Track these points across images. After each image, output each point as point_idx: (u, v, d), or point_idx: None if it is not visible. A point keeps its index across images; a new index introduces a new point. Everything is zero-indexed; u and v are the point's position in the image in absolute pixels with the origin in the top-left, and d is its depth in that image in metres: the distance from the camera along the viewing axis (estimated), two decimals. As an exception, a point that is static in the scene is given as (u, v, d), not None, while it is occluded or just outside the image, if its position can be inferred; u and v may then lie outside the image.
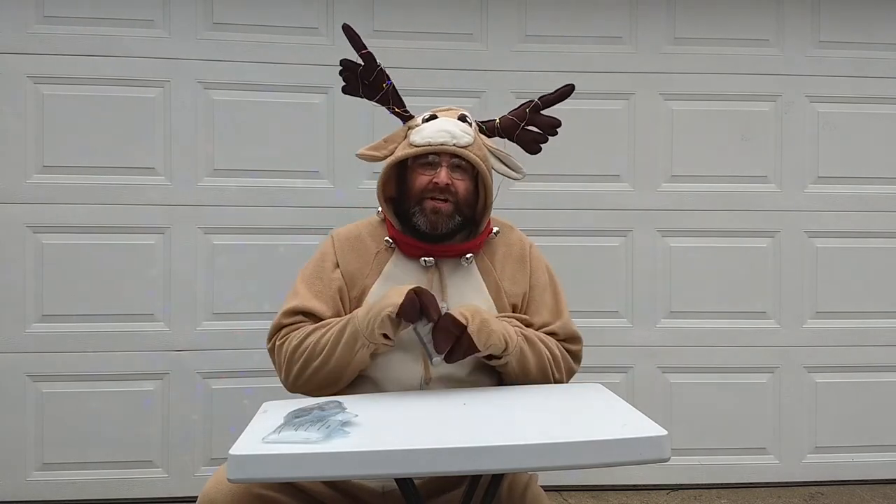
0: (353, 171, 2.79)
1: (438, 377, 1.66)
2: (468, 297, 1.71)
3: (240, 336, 2.81)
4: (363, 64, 1.79)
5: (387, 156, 1.76)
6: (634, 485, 2.98)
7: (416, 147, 1.71)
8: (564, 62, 2.91)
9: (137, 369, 2.80)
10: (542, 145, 1.87)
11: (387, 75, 1.81)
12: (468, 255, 1.75)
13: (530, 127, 1.84)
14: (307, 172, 2.87)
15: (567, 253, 2.90)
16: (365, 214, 1.89)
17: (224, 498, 1.48)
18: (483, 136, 1.81)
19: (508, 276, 1.78)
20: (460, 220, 1.73)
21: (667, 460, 1.27)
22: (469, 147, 1.71)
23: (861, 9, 3.03)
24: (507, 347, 1.61)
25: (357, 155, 1.80)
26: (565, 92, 1.86)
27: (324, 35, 2.86)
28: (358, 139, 2.00)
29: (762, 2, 3.02)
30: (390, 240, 1.76)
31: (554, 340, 1.73)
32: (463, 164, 1.72)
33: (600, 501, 2.89)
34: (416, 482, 1.43)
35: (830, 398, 3.04)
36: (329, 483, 1.57)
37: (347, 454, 1.21)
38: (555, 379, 1.70)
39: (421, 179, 1.71)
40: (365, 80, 1.80)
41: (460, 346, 1.56)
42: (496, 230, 1.81)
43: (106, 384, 2.79)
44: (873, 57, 3.03)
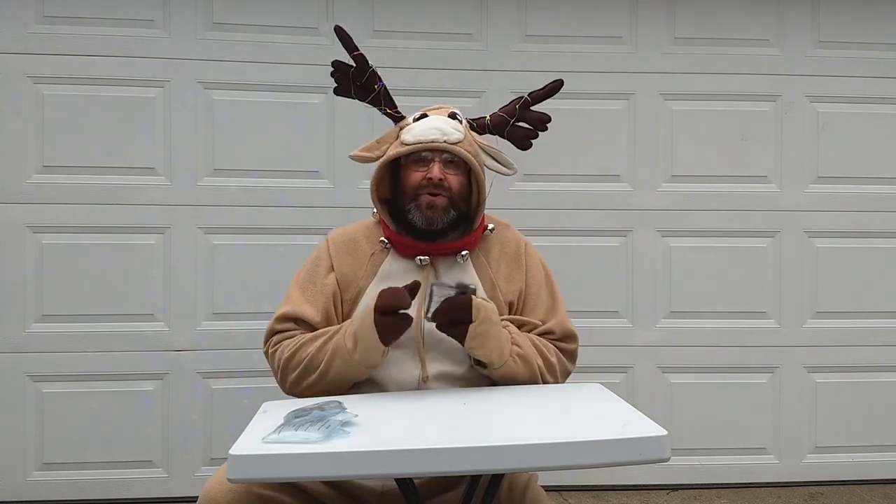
0: (353, 171, 2.79)
1: (435, 375, 1.66)
2: None
3: (240, 336, 2.81)
4: (355, 65, 1.79)
5: (379, 156, 1.77)
6: (634, 485, 2.98)
7: (408, 145, 1.72)
8: (564, 62, 2.91)
9: (137, 369, 2.80)
10: (534, 141, 1.88)
11: (378, 76, 1.81)
12: (464, 253, 1.75)
13: (520, 123, 1.85)
14: (307, 172, 2.87)
15: (567, 253, 2.90)
16: (365, 214, 1.89)
17: (224, 498, 1.48)
18: (474, 134, 1.82)
19: (504, 275, 1.78)
20: (455, 215, 1.73)
21: (667, 460, 1.27)
22: (460, 143, 1.72)
23: (861, 9, 3.03)
24: (492, 365, 1.62)
25: (350, 157, 1.81)
26: (554, 88, 1.86)
27: (324, 35, 2.85)
28: (358, 139, 1.99)
29: (762, 2, 3.02)
30: (385, 240, 1.77)
31: (553, 347, 1.73)
32: (455, 160, 1.73)
33: (600, 501, 2.89)
34: (416, 482, 1.43)
35: (830, 398, 3.04)
36: (329, 483, 1.57)
37: (347, 454, 1.21)
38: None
39: (414, 176, 1.73)
40: (357, 82, 1.80)
41: (452, 329, 1.57)
42: (491, 227, 1.82)
43: (106, 384, 2.79)
44: (873, 57, 3.03)
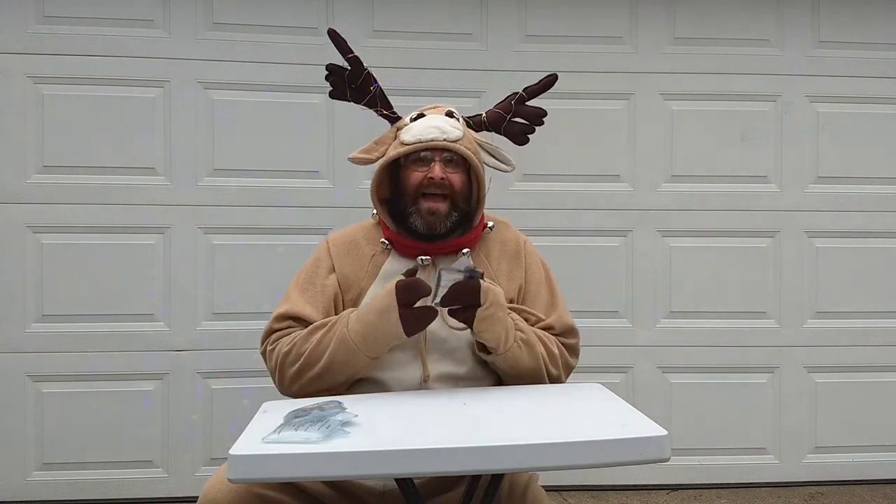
0: (353, 171, 2.79)
1: (437, 376, 1.66)
2: None
3: (239, 336, 2.81)
4: (350, 68, 1.79)
5: (378, 157, 1.77)
6: (634, 485, 2.98)
7: (408, 145, 1.72)
8: (564, 62, 2.91)
9: (137, 369, 2.80)
10: (535, 141, 1.89)
11: (374, 78, 1.81)
12: (465, 250, 1.76)
13: (517, 119, 1.85)
14: (307, 172, 2.87)
15: (567, 253, 2.90)
16: (365, 214, 1.89)
17: (224, 497, 1.48)
18: (471, 131, 1.82)
19: (504, 273, 1.79)
20: (457, 217, 1.73)
21: (667, 460, 1.27)
22: (459, 141, 1.72)
23: (861, 9, 3.03)
24: (497, 350, 1.61)
25: (349, 159, 1.81)
26: (548, 82, 1.86)
27: (324, 35, 2.80)
28: (358, 139, 1.99)
29: (762, 2, 3.02)
30: (386, 241, 1.77)
31: (554, 338, 1.73)
32: (455, 159, 1.73)
33: (600, 501, 2.89)
34: (416, 482, 1.43)
35: (830, 398, 3.04)
36: (329, 483, 1.57)
37: (347, 454, 1.21)
38: (551, 377, 1.70)
39: (415, 176, 1.72)
40: (352, 84, 1.80)
41: (461, 313, 1.57)
42: (490, 224, 1.82)
43: (106, 384, 2.79)
44: (873, 57, 3.03)
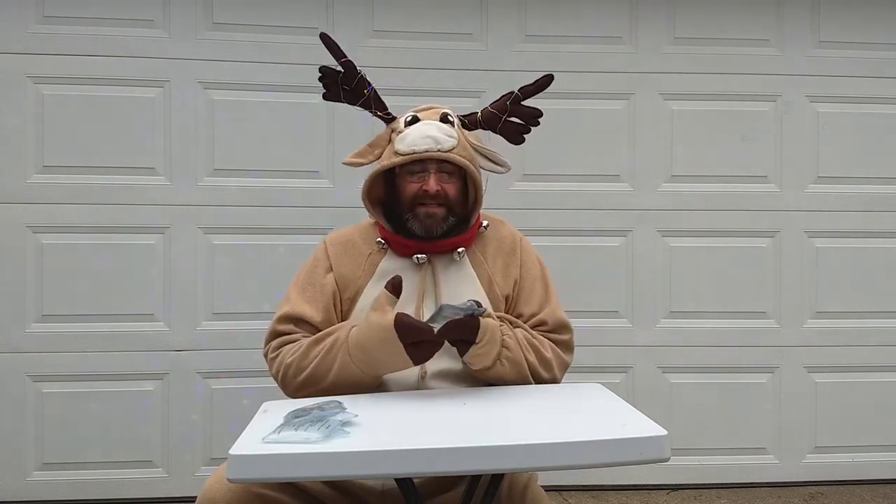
0: (353, 171, 2.72)
1: (434, 372, 1.67)
2: (462, 291, 1.72)
3: (240, 336, 2.81)
4: (343, 71, 1.79)
5: (372, 160, 1.78)
6: (634, 485, 2.98)
7: (402, 155, 1.72)
8: (564, 62, 2.91)
9: (137, 369, 2.80)
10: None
11: (367, 81, 1.81)
12: (460, 250, 1.77)
13: (512, 118, 1.85)
14: (307, 172, 2.87)
15: (567, 253, 2.90)
16: (364, 214, 1.89)
17: (224, 497, 1.48)
18: (466, 133, 1.82)
19: (500, 269, 1.80)
20: (454, 221, 1.75)
21: (667, 460, 1.27)
22: (454, 149, 1.72)
23: (861, 9, 3.03)
24: (482, 370, 1.63)
25: (344, 163, 1.83)
26: (544, 82, 1.86)
27: (324, 35, 2.85)
28: (358, 139, 1.99)
29: (762, 2, 3.02)
30: (382, 241, 1.79)
31: (548, 342, 1.73)
32: (450, 168, 1.74)
33: (600, 501, 2.89)
34: (416, 482, 1.43)
35: (830, 398, 3.04)
36: (329, 483, 1.57)
37: (347, 454, 1.21)
38: (542, 382, 1.70)
39: (411, 187, 1.74)
40: (346, 86, 1.80)
41: (455, 345, 1.58)
42: (486, 224, 1.84)
43: (106, 384, 2.79)
44: (873, 57, 3.03)
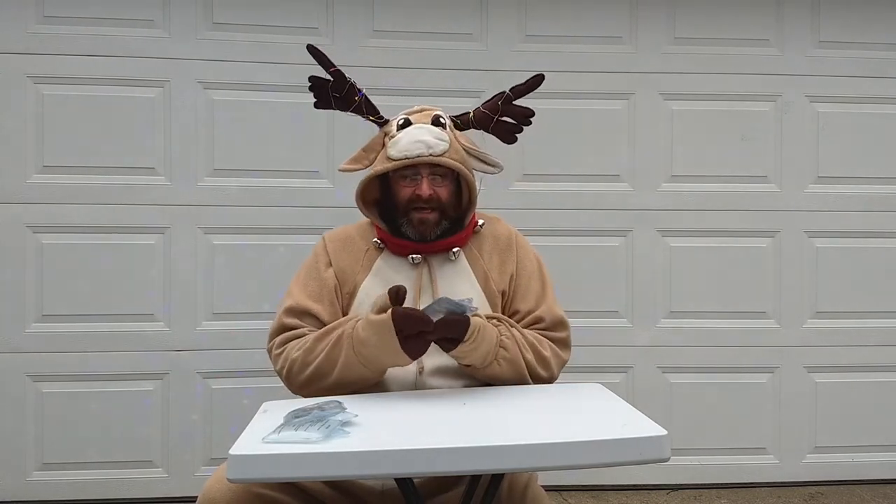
0: (352, 173, 2.79)
1: (432, 369, 1.68)
2: (458, 288, 1.74)
3: (240, 336, 2.81)
4: (333, 80, 1.81)
5: (367, 165, 1.80)
6: (634, 485, 2.98)
7: (394, 161, 1.73)
8: (564, 62, 2.91)
9: (137, 369, 2.80)
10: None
11: (358, 88, 1.83)
12: (455, 250, 1.78)
13: (504, 118, 1.86)
14: (307, 172, 2.87)
15: (567, 253, 2.90)
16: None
17: (224, 497, 1.48)
18: (458, 135, 1.83)
19: (496, 266, 1.81)
20: (447, 224, 1.77)
21: (667, 460, 1.27)
22: (446, 153, 1.73)
23: (861, 9, 3.03)
24: (474, 368, 1.63)
25: (340, 170, 1.85)
26: (535, 82, 1.87)
27: (324, 35, 2.85)
28: (358, 139, 1.99)
29: (762, 2, 3.02)
30: (379, 241, 1.80)
31: (546, 341, 1.73)
32: (442, 171, 1.75)
33: (600, 501, 2.89)
34: (416, 482, 1.43)
35: (830, 398, 3.03)
36: (329, 483, 1.58)
37: (347, 454, 1.21)
38: (540, 381, 1.70)
39: (404, 192, 1.75)
40: (336, 94, 1.82)
41: (443, 341, 1.58)
42: (481, 222, 1.85)
43: (106, 384, 2.79)
44: (873, 57, 3.03)
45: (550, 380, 1.72)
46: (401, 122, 1.79)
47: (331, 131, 2.86)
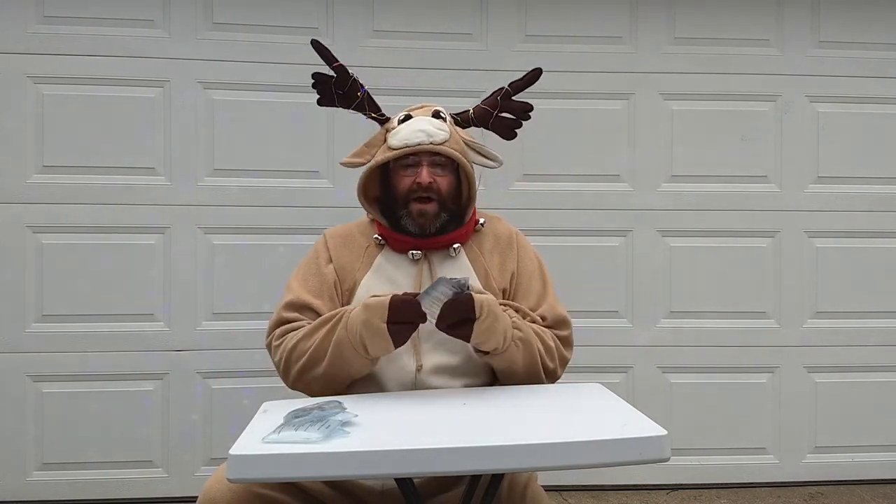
0: (353, 172, 2.72)
1: (430, 366, 1.67)
2: None
3: (239, 336, 2.81)
4: (336, 76, 1.80)
5: (368, 160, 1.80)
6: (634, 485, 2.98)
7: (395, 150, 1.73)
8: (564, 62, 2.91)
9: (137, 369, 2.80)
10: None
11: (360, 84, 1.83)
12: (455, 246, 1.78)
13: (504, 114, 1.86)
14: (307, 172, 2.88)
15: (567, 253, 2.90)
16: (364, 214, 1.89)
17: (224, 497, 1.48)
18: (459, 129, 1.83)
19: (497, 264, 1.81)
20: (447, 217, 1.76)
21: (667, 460, 1.27)
22: (446, 143, 1.74)
23: (861, 9, 3.03)
24: (496, 351, 1.61)
25: (341, 164, 1.85)
26: (533, 76, 1.88)
27: (324, 35, 2.85)
28: (358, 139, 1.99)
29: (762, 2, 3.02)
30: (379, 237, 1.80)
31: (549, 332, 1.73)
32: (442, 161, 1.75)
33: (600, 501, 2.89)
34: (416, 482, 1.43)
35: (830, 398, 3.03)
36: (329, 483, 1.58)
37: (347, 454, 1.21)
38: (548, 371, 1.70)
39: (404, 182, 1.75)
40: (339, 91, 1.82)
41: (459, 329, 1.56)
42: (482, 221, 1.85)
43: (106, 384, 2.79)
44: (873, 57, 3.03)
45: (555, 372, 1.72)
46: (402, 118, 1.80)
47: (331, 131, 2.87)
